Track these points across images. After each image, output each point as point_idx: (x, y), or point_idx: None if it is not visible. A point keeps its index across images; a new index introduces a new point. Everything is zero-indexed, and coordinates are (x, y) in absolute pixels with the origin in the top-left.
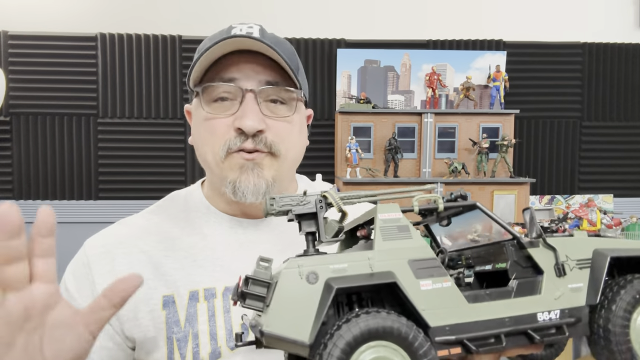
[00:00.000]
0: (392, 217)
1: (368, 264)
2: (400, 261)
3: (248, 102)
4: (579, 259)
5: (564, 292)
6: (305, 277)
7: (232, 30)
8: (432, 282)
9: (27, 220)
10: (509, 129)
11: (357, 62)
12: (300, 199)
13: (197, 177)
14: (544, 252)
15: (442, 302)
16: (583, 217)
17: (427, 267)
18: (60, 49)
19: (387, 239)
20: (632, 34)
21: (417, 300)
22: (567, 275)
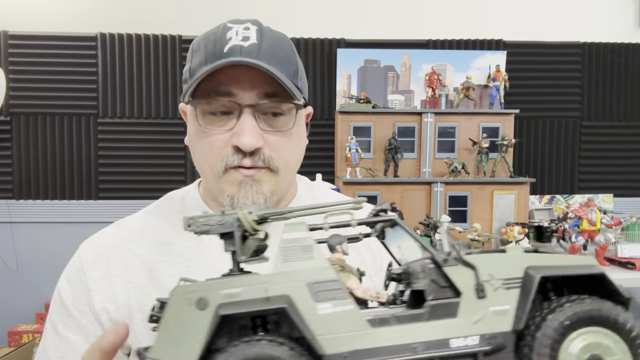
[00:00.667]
0: (296, 237)
1: (264, 287)
2: (298, 284)
3: (246, 119)
4: (507, 278)
5: (485, 316)
6: (195, 302)
7: (227, 35)
8: (331, 306)
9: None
10: (509, 129)
11: (357, 62)
12: (218, 220)
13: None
14: (463, 271)
15: (342, 327)
16: (583, 216)
17: (327, 290)
18: (60, 49)
19: (287, 261)
20: (632, 34)
21: (313, 325)
22: (489, 297)
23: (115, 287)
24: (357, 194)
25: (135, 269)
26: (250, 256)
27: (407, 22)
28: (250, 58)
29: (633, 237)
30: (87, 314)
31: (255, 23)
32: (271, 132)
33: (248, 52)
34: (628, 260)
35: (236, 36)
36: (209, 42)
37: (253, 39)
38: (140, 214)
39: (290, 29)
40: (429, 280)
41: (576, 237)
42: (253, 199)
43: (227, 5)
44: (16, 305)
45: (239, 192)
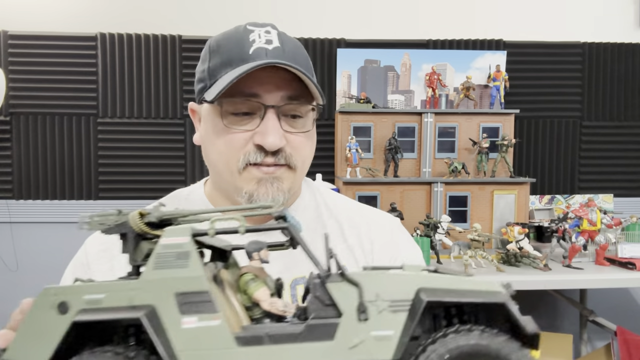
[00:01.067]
0: (174, 243)
1: (129, 295)
2: (166, 293)
3: (270, 119)
4: (395, 300)
5: (364, 341)
6: (57, 306)
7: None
8: (197, 320)
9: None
10: (509, 129)
11: (357, 61)
12: (115, 219)
13: (197, 177)
14: (347, 289)
15: (206, 343)
16: (583, 216)
17: (196, 302)
18: (60, 49)
19: (158, 268)
20: (632, 34)
21: (176, 339)
22: (371, 320)
23: None
24: (357, 194)
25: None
26: (142, 259)
27: (407, 22)
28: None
29: (633, 237)
30: None
31: (274, 27)
32: (292, 132)
33: (273, 54)
34: (628, 260)
35: (259, 39)
36: (231, 44)
37: (276, 42)
38: None
39: (291, 28)
40: (313, 297)
41: (576, 237)
42: (273, 196)
43: (227, 6)
44: (16, 306)
45: (259, 189)
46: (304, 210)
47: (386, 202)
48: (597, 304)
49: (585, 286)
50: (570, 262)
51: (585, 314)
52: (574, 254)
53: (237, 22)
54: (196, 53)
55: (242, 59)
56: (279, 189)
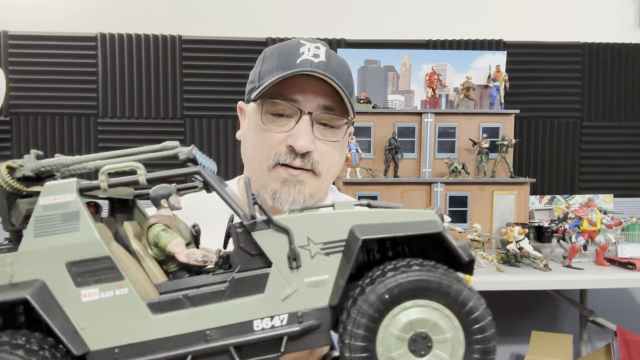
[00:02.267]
0: (57, 202)
1: (7, 271)
2: (55, 264)
3: (303, 123)
4: (328, 242)
5: (298, 289)
6: None
7: (300, 49)
8: (99, 291)
9: None
10: (509, 129)
11: (357, 62)
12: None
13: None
14: (275, 236)
15: (113, 316)
16: (583, 217)
17: (93, 271)
18: (60, 49)
19: (41, 235)
20: (632, 34)
21: (75, 316)
22: (304, 266)
23: None
24: (357, 194)
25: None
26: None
27: (407, 22)
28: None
29: (633, 237)
30: None
31: (325, 44)
32: (322, 140)
33: (317, 66)
34: (628, 260)
35: (308, 52)
36: (282, 53)
37: (322, 57)
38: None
39: (291, 28)
40: (237, 248)
41: (576, 238)
42: (294, 197)
43: (227, 6)
44: None
45: (282, 189)
46: None
47: None
48: (597, 304)
49: (585, 286)
50: (570, 262)
51: (585, 314)
52: (574, 254)
53: (237, 22)
54: (196, 53)
55: (289, 66)
56: (300, 191)
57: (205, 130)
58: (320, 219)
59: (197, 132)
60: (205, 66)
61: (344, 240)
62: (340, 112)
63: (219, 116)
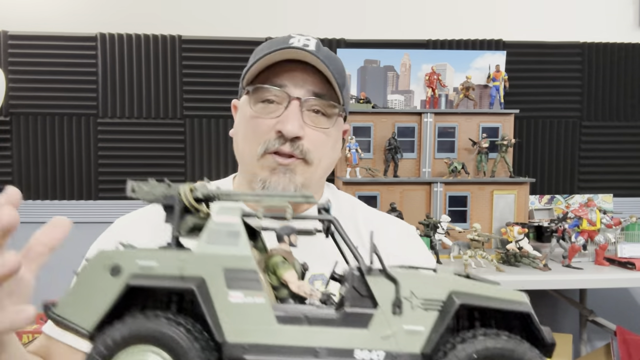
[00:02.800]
0: (226, 221)
1: (180, 265)
2: (215, 267)
3: (292, 109)
4: (428, 299)
5: (396, 333)
6: (110, 268)
7: (290, 40)
8: (243, 295)
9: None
10: (509, 129)
11: (356, 62)
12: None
13: (197, 177)
14: (385, 284)
15: (249, 318)
16: (583, 216)
17: (243, 279)
18: (60, 49)
19: (211, 243)
20: (632, 34)
21: (222, 311)
22: (404, 315)
23: None
24: (357, 194)
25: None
26: (187, 232)
27: (407, 22)
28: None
29: (633, 237)
30: None
31: (316, 39)
32: (312, 127)
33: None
34: (628, 260)
35: (298, 42)
36: (272, 43)
37: (312, 47)
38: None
39: (290, 28)
40: (350, 287)
41: (576, 237)
42: (284, 186)
43: (226, 6)
44: None
45: (272, 177)
46: None
47: (386, 202)
48: (597, 304)
49: (585, 286)
50: (570, 262)
51: (585, 314)
52: (574, 253)
53: (238, 22)
54: (196, 53)
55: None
56: (290, 180)
57: (205, 130)
58: (425, 278)
59: (197, 132)
60: (205, 66)
61: (442, 301)
62: (330, 98)
63: (218, 116)
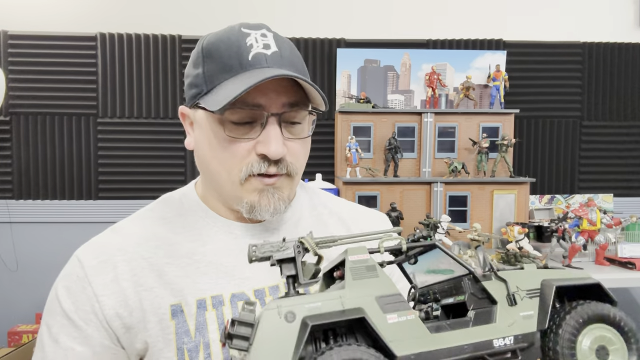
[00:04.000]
0: (360, 259)
1: (340, 302)
2: (368, 298)
3: (271, 127)
4: (529, 289)
5: (517, 320)
6: (284, 316)
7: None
8: (397, 316)
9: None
10: (509, 129)
11: (357, 61)
12: (279, 246)
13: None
14: (497, 284)
15: (407, 333)
16: (583, 216)
17: (392, 302)
18: (60, 49)
19: (356, 279)
20: (632, 34)
21: (384, 332)
22: (518, 305)
23: (125, 290)
24: (357, 194)
25: (144, 272)
26: (309, 279)
27: (407, 22)
28: (277, 67)
29: (633, 237)
30: (94, 323)
31: (269, 29)
32: (292, 139)
33: (273, 60)
34: (628, 260)
35: (256, 43)
36: (227, 49)
37: (274, 47)
38: (134, 218)
39: (290, 28)
40: (469, 294)
41: (576, 237)
42: (275, 207)
43: (227, 5)
44: (16, 305)
45: (260, 200)
46: (300, 208)
47: (386, 202)
48: None
49: None
50: (570, 261)
51: None
52: (574, 253)
53: (238, 22)
54: None
55: (241, 65)
56: (280, 198)
57: None
58: (523, 274)
59: None
60: None
61: (538, 289)
62: (304, 104)
63: None
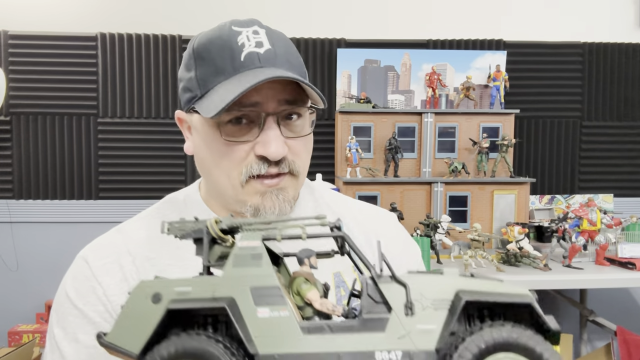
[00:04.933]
0: (249, 246)
1: (212, 288)
2: (243, 287)
3: (270, 128)
4: (437, 299)
5: (411, 333)
6: (151, 297)
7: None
8: (269, 310)
9: (26, 220)
10: (509, 129)
11: (357, 61)
12: (192, 226)
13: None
14: (395, 288)
15: (276, 330)
16: (583, 216)
17: (267, 296)
18: (60, 49)
19: (236, 266)
20: (632, 34)
21: (252, 326)
22: (416, 315)
23: None
24: (357, 194)
25: (148, 272)
26: (215, 261)
27: (407, 22)
28: (270, 66)
29: (633, 237)
30: (110, 323)
31: (261, 25)
32: (292, 138)
33: (266, 59)
34: (628, 260)
35: (248, 42)
36: (219, 50)
37: (267, 45)
38: (139, 218)
39: (290, 28)
40: (366, 295)
41: (576, 237)
42: (280, 208)
43: (227, 5)
44: (16, 305)
45: (264, 203)
46: (304, 209)
47: (386, 202)
48: (597, 304)
49: (585, 286)
50: (570, 262)
51: (585, 314)
52: (574, 254)
53: (237, 21)
54: None
55: (234, 67)
56: (284, 199)
57: None
58: (432, 280)
59: None
60: None
61: (450, 299)
62: (302, 101)
63: None
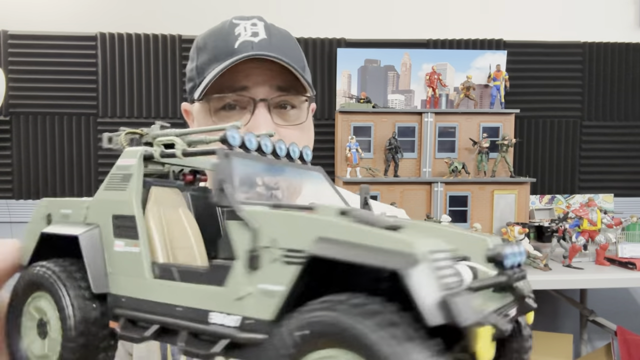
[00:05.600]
0: (125, 164)
1: (85, 213)
2: (107, 215)
3: (260, 113)
4: (291, 249)
5: (252, 293)
6: (45, 217)
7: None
8: (124, 244)
9: (26, 220)
10: (509, 129)
11: (357, 61)
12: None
13: None
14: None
15: (128, 269)
16: (583, 216)
17: (124, 227)
18: (60, 48)
19: (107, 188)
20: (632, 34)
21: (110, 260)
22: (261, 270)
23: None
24: (357, 194)
25: None
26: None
27: (407, 22)
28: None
29: (633, 237)
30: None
31: (261, 19)
32: (285, 126)
33: (260, 47)
34: (628, 260)
35: (245, 32)
36: (217, 40)
37: (262, 35)
38: None
39: (291, 28)
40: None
41: (577, 237)
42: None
43: (227, 5)
44: None
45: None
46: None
47: (386, 201)
48: (597, 304)
49: (585, 286)
50: (571, 262)
51: (586, 314)
52: (574, 253)
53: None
54: None
55: (228, 53)
56: None
57: None
58: (292, 220)
59: None
60: None
61: (303, 250)
62: (296, 90)
63: None
